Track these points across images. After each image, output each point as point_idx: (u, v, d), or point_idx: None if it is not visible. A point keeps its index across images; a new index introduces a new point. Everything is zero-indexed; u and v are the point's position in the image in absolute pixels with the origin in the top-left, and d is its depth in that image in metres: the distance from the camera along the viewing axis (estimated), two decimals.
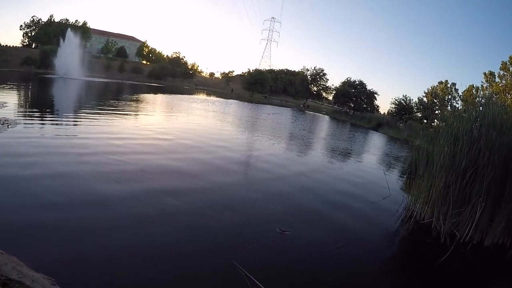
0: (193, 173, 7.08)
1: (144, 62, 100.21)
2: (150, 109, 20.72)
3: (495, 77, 37.54)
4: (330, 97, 79.02)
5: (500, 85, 36.24)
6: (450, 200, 5.76)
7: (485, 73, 38.79)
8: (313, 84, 79.48)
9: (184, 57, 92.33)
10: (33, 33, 79.71)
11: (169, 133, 11.90)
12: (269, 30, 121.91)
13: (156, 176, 6.48)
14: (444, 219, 5.80)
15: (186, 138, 11.35)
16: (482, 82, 39.58)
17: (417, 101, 48.94)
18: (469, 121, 6.16)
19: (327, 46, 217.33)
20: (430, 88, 52.02)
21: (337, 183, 8.70)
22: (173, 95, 37.93)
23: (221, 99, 48.18)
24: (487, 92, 35.51)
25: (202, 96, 48.77)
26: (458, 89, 49.84)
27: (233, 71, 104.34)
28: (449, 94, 50.12)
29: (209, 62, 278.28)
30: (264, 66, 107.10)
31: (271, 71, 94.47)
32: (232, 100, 49.03)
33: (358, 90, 61.92)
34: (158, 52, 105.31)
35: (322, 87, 79.39)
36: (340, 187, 8.36)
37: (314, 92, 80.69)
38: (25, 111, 12.35)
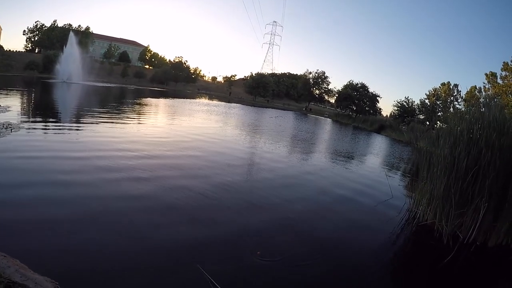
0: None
1: (147, 66, 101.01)
2: (166, 113, 20.79)
3: (497, 78, 37.36)
4: (333, 100, 79.16)
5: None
6: (452, 201, 5.73)
7: (486, 74, 38.61)
8: (315, 87, 79.60)
9: (187, 61, 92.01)
10: (36, 38, 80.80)
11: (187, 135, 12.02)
12: (271, 34, 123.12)
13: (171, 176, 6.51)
14: (446, 220, 5.76)
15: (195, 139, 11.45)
16: (484, 83, 39.47)
17: (419, 103, 48.94)
18: (470, 123, 6.15)
19: (329, 49, 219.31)
20: (432, 90, 52.01)
21: (338, 185, 8.65)
22: (175, 99, 38.06)
23: (223, 103, 48.27)
24: (489, 93, 35.38)
25: (204, 100, 48.92)
26: (460, 91, 49.88)
27: (236, 75, 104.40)
28: (452, 96, 50.09)
29: (212, 67, 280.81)
30: (267, 70, 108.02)
31: (273, 75, 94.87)
32: (234, 104, 49.13)
33: (361, 93, 62.00)
34: (161, 56, 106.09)
35: (325, 90, 79.55)
36: (341, 189, 8.29)
37: (317, 95, 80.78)
38: (28, 116, 12.40)
